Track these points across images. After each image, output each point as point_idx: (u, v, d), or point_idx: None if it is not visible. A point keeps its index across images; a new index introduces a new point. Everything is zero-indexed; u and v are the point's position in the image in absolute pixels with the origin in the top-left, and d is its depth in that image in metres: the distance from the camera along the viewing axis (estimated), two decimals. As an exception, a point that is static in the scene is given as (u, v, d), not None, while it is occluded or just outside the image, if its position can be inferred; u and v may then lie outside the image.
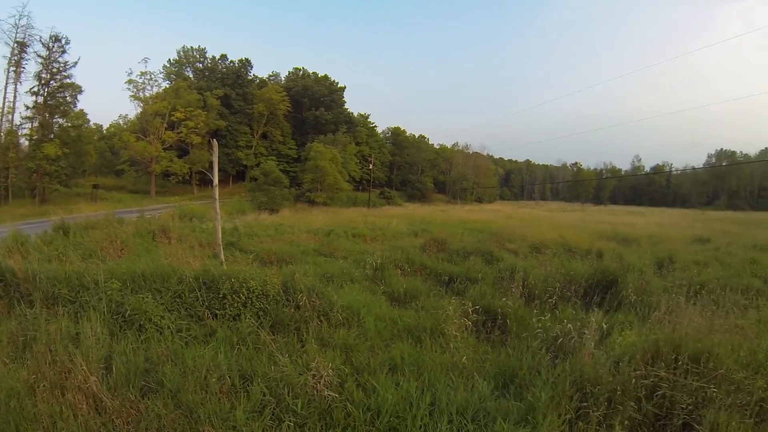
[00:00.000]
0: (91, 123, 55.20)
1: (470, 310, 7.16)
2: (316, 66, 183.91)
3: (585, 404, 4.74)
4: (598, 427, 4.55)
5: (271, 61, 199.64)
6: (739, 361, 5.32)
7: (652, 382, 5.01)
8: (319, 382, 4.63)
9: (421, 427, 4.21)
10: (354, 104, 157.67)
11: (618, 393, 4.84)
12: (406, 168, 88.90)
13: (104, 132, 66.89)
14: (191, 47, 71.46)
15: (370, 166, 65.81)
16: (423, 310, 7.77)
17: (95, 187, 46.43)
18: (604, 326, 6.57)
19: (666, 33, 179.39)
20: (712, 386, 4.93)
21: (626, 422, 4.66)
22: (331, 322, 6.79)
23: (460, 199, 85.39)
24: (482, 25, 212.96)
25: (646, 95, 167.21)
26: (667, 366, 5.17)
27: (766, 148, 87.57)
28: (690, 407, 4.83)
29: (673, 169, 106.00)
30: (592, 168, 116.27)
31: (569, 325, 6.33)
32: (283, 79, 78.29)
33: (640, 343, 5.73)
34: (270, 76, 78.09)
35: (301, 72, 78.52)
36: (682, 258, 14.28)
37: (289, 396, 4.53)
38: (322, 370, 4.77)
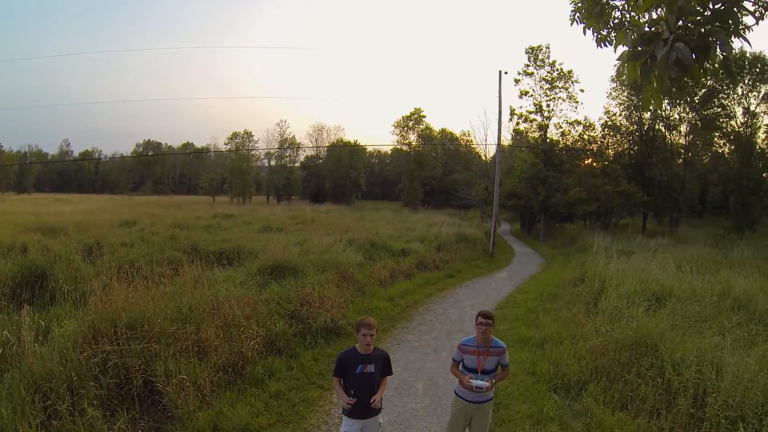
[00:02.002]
0: None
1: None
2: None
3: (49, 402, 5.39)
4: (72, 417, 5.30)
5: None
6: (169, 317, 7.48)
7: (101, 358, 6.26)
8: None
9: None
10: None
11: (75, 379, 5.76)
12: None
13: None
14: None
15: None
16: None
17: None
18: (42, 323, 7.22)
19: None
20: (153, 344, 6.77)
21: (95, 401, 5.66)
22: None
23: None
24: None
25: (81, 77, 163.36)
26: (109, 340, 6.61)
27: (187, 141, 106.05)
28: (142, 366, 6.46)
29: (102, 155, 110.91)
30: (15, 151, 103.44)
31: (5, 332, 6.60)
32: None
33: (79, 327, 6.82)
34: None
35: None
36: (111, 241, 16.55)
37: None
38: None
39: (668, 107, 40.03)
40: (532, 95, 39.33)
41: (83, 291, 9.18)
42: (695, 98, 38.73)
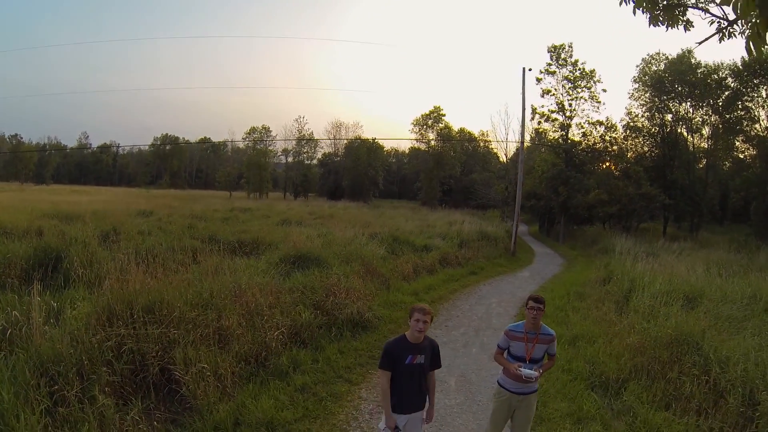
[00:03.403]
0: None
1: None
2: None
3: (57, 387, 4.88)
4: (81, 405, 4.80)
5: None
6: (189, 302, 6.93)
7: (115, 342, 5.69)
8: None
9: None
10: None
11: (86, 363, 5.23)
12: None
13: None
14: None
15: None
16: None
17: None
18: (54, 304, 6.73)
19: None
20: (172, 329, 6.19)
21: (107, 388, 5.13)
22: None
23: None
24: None
25: (95, 68, 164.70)
26: (124, 323, 6.04)
27: (204, 136, 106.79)
28: (160, 352, 5.89)
29: (120, 148, 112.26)
30: (34, 142, 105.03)
31: (15, 312, 6.08)
32: None
33: (93, 309, 6.32)
34: None
35: None
36: (128, 229, 16.22)
37: None
38: None
39: (691, 109, 39.32)
40: (554, 94, 38.50)
41: (98, 274, 8.75)
42: (719, 101, 37.86)
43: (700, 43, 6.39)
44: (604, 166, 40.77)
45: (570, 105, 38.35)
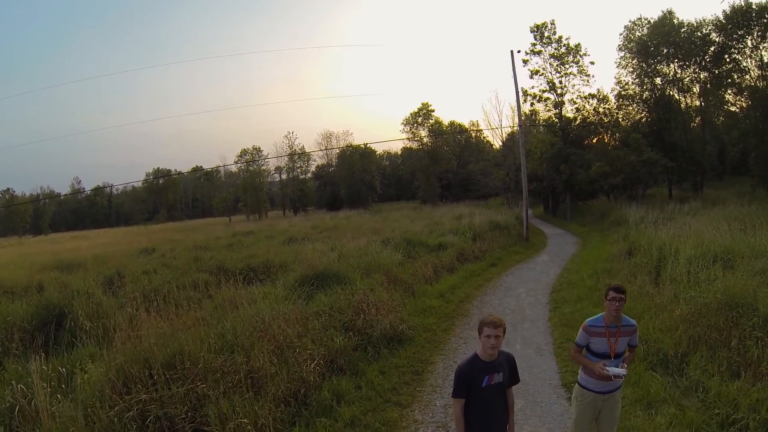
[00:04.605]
0: None
1: None
2: None
3: None
4: None
5: None
6: (213, 348, 6.14)
7: (137, 410, 4.93)
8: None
9: None
10: None
11: None
12: None
13: None
14: None
15: None
16: None
17: None
18: (63, 370, 6.04)
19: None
20: (199, 383, 5.39)
21: None
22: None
23: None
24: None
25: (85, 108, 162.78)
26: (144, 386, 5.28)
27: (196, 165, 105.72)
28: (189, 413, 5.11)
29: (114, 188, 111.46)
30: (27, 194, 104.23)
31: (20, 386, 5.38)
32: None
33: (106, 374, 5.52)
34: None
35: None
36: (132, 271, 15.48)
37: None
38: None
39: (679, 70, 38.87)
40: (543, 74, 37.94)
41: (106, 327, 8.01)
42: (705, 57, 37.39)
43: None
44: (596, 140, 40.26)
45: (560, 82, 37.83)
